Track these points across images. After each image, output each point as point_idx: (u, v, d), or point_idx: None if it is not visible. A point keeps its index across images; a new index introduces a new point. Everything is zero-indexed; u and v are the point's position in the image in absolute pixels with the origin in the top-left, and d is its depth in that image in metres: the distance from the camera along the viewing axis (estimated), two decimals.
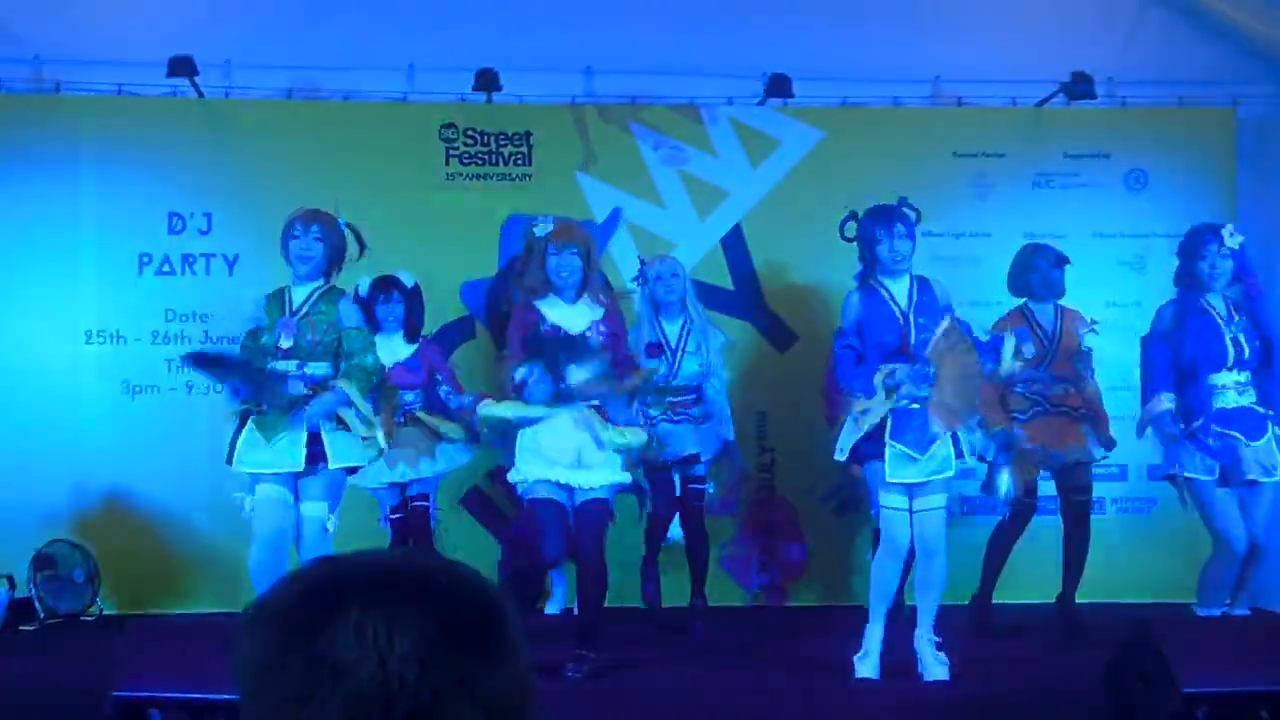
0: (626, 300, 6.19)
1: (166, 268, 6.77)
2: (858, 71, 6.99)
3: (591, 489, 5.21)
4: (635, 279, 6.30)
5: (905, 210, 5.24)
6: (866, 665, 5.12)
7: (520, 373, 5.18)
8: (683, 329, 6.05)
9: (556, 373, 5.12)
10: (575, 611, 6.16)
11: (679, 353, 6.03)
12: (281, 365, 5.03)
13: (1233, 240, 5.34)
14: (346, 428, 5.03)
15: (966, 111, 7.15)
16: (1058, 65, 6.90)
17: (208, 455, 5.62)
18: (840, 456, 5.23)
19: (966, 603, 6.12)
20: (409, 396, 6.13)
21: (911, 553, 5.15)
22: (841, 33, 6.97)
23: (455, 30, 6.89)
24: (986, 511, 6.45)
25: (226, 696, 0.97)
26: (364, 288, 6.08)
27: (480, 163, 6.99)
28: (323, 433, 4.99)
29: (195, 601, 6.27)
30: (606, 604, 5.40)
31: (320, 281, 5.15)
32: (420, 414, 6.10)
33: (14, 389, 6.62)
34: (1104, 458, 6.16)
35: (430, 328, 6.68)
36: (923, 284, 5.23)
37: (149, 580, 6.31)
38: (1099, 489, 6.37)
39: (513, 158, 7.01)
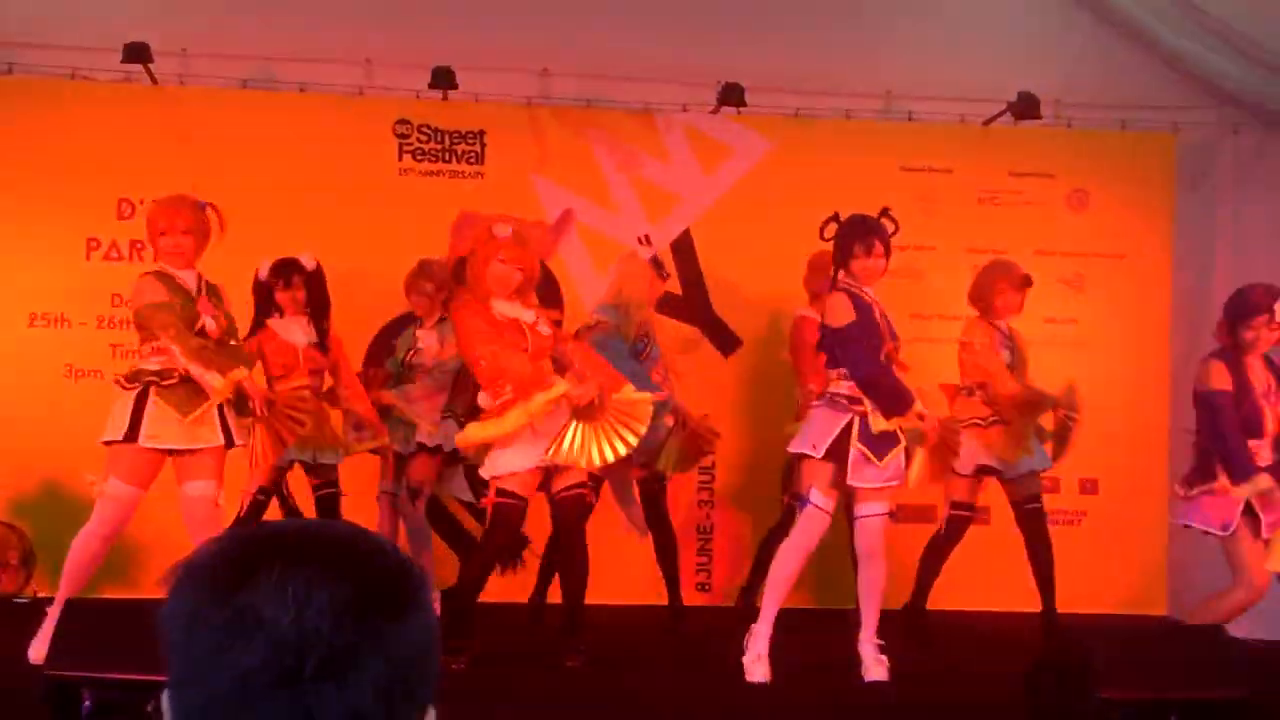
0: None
1: (115, 253, 6.77)
2: (810, 83, 7.09)
3: (568, 474, 5.22)
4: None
5: (885, 222, 5.25)
6: (759, 669, 5.13)
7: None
8: None
9: None
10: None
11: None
12: None
13: None
14: (236, 407, 5.12)
15: (916, 126, 7.27)
16: (1006, 85, 7.04)
17: None
18: (817, 454, 5.14)
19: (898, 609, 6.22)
20: (317, 382, 6.04)
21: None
22: (795, 44, 7.09)
23: (413, 26, 6.94)
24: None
25: (159, 678, 1.00)
26: (264, 271, 6.03)
27: (433, 159, 7.04)
28: (227, 412, 5.06)
29: (131, 586, 6.25)
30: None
31: (195, 269, 5.19)
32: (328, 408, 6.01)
33: None
34: (1048, 467, 6.26)
35: (377, 322, 6.72)
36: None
37: None
38: None
39: (466, 155, 7.06)
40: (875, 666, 5.17)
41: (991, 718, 4.52)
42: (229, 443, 5.09)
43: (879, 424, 5.06)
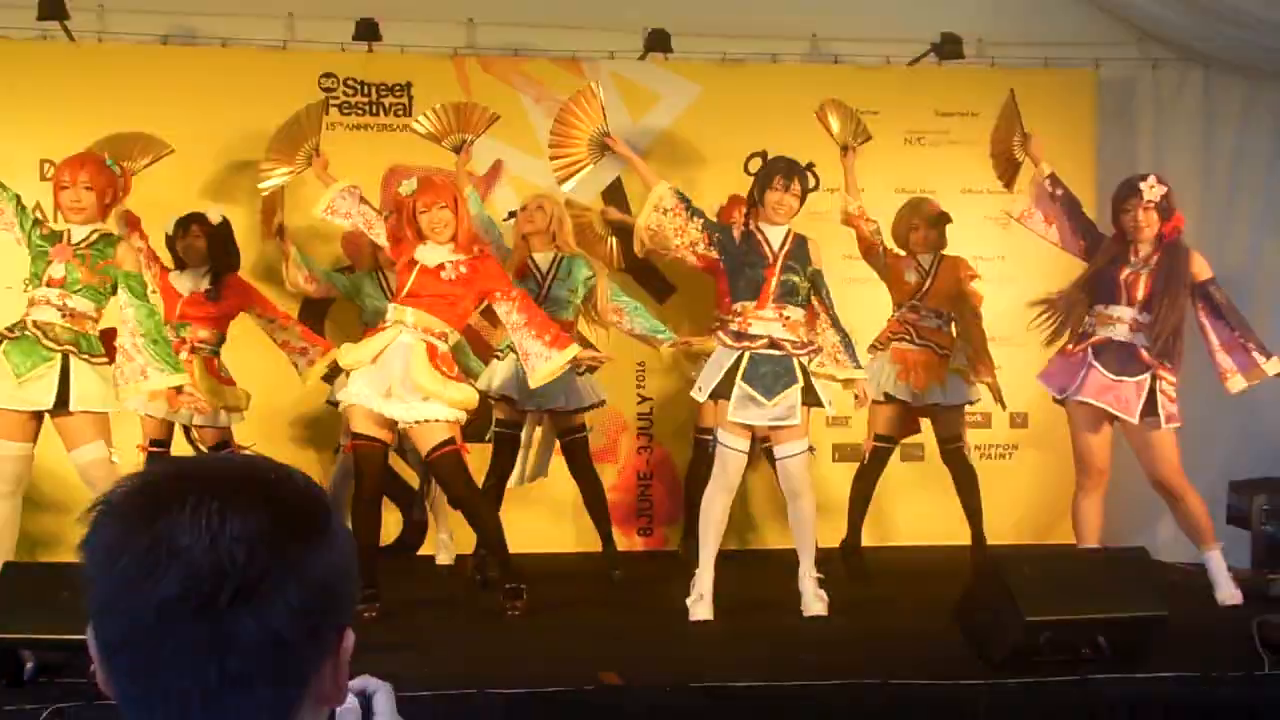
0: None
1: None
2: (736, 28, 7.13)
3: (426, 428, 5.20)
4: (507, 218, 6.37)
5: (809, 174, 5.44)
6: (701, 608, 5.26)
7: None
8: (554, 260, 6.09)
9: None
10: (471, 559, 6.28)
11: (549, 281, 6.02)
12: (41, 292, 5.05)
13: (1153, 192, 5.46)
14: (96, 366, 5.09)
15: (842, 69, 7.33)
16: (929, 26, 7.12)
17: None
18: (701, 397, 5.39)
19: (837, 547, 6.35)
20: (203, 333, 6.03)
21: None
22: None
23: None
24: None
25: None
26: (170, 227, 6.10)
27: (360, 113, 7.01)
28: (73, 372, 5.02)
29: (66, 549, 6.23)
30: None
31: (97, 224, 5.19)
32: (200, 368, 5.95)
33: None
34: (971, 403, 6.41)
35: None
36: (799, 239, 5.42)
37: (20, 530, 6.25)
38: None
39: (394, 108, 7.03)
40: (814, 602, 5.29)
41: (927, 647, 4.64)
42: (64, 406, 5.02)
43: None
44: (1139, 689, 4.21)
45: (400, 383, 5.16)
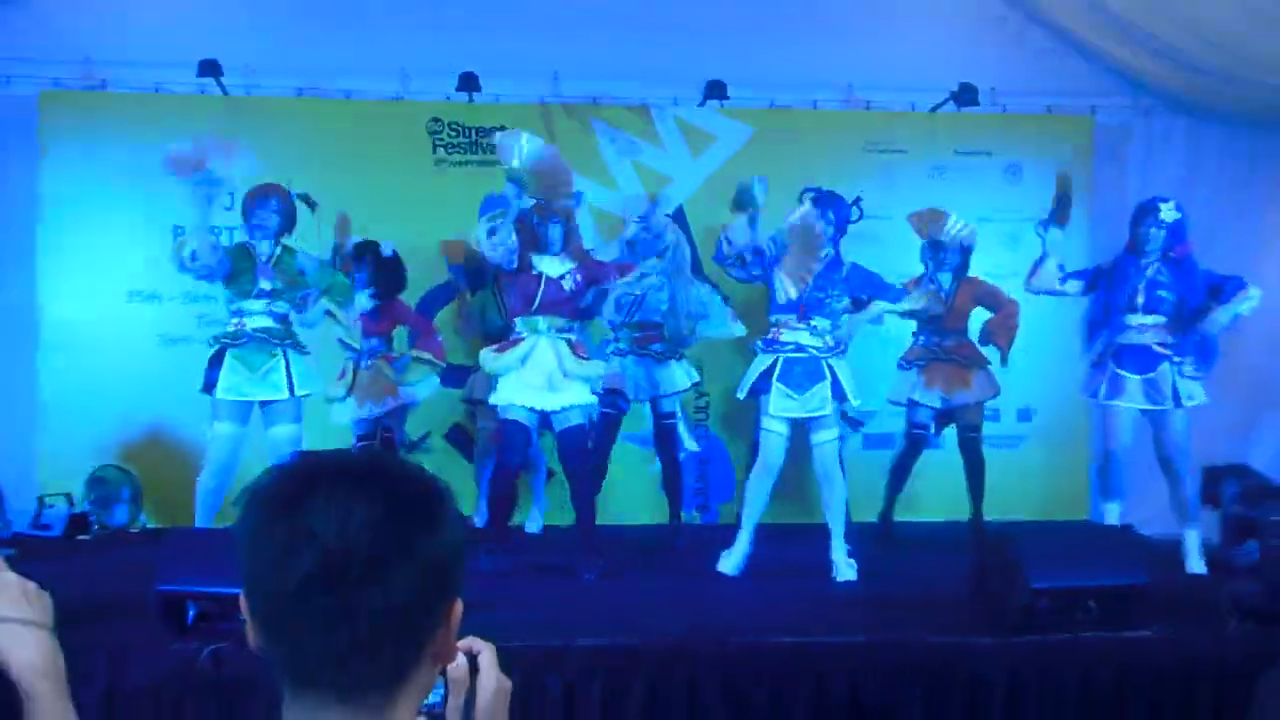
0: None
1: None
2: (783, 78, 7.19)
3: (565, 412, 5.37)
4: (639, 219, 6.27)
5: (853, 207, 5.57)
6: (729, 563, 5.43)
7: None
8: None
9: None
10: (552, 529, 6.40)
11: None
12: (252, 304, 5.24)
13: (1168, 214, 5.50)
14: (304, 357, 5.39)
15: (874, 114, 7.38)
16: (949, 77, 7.14)
17: None
18: (740, 395, 5.50)
19: (875, 519, 6.45)
20: (372, 341, 6.19)
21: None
22: (770, 45, 7.18)
23: (441, 39, 7.03)
24: (884, 445, 6.79)
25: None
26: (349, 246, 6.20)
27: (463, 152, 7.17)
28: (291, 364, 5.26)
29: (221, 517, 6.43)
30: None
31: (278, 241, 5.39)
32: (382, 364, 6.19)
33: (68, 338, 6.79)
34: (994, 396, 6.45)
35: (418, 290, 6.87)
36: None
37: (184, 499, 6.45)
38: None
39: (490, 148, 7.14)
40: (845, 569, 5.36)
41: (944, 607, 4.69)
42: (292, 393, 5.28)
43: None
44: (1124, 646, 4.25)
45: (555, 373, 5.32)
